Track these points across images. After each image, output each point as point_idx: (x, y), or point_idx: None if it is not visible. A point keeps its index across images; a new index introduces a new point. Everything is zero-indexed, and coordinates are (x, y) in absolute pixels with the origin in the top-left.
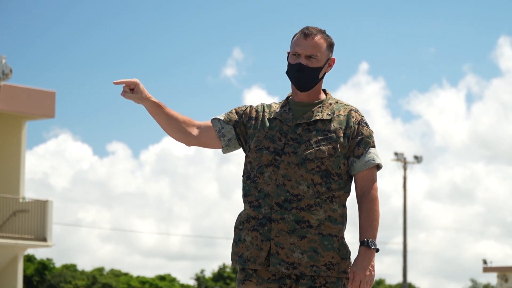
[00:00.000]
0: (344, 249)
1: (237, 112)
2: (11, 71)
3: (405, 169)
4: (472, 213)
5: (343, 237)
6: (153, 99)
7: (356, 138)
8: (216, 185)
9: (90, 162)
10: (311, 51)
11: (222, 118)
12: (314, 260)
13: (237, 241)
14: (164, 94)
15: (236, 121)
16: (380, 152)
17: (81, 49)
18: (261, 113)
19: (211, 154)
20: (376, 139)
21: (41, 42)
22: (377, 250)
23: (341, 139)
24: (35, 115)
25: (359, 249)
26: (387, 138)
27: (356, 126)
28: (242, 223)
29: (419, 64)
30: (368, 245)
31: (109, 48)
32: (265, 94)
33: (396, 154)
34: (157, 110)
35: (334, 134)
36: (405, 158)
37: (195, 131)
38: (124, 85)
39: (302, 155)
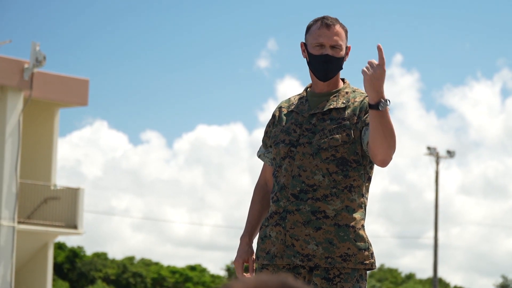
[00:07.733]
0: (361, 240)
1: (266, 133)
2: (44, 58)
3: (437, 163)
4: (505, 209)
5: (360, 228)
6: (252, 238)
7: (367, 113)
8: (249, 175)
9: (124, 150)
10: (336, 41)
11: (264, 149)
12: (329, 252)
13: (263, 237)
14: (196, 83)
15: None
16: (413, 146)
17: (115, 37)
18: (278, 111)
19: (245, 145)
20: (409, 132)
21: (75, 29)
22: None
23: (356, 124)
24: (68, 102)
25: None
26: (420, 132)
27: (368, 105)
28: (267, 220)
29: (453, 57)
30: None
31: (142, 37)
32: (299, 85)
33: (428, 148)
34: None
35: (348, 122)
36: (437, 153)
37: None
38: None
39: (316, 144)
